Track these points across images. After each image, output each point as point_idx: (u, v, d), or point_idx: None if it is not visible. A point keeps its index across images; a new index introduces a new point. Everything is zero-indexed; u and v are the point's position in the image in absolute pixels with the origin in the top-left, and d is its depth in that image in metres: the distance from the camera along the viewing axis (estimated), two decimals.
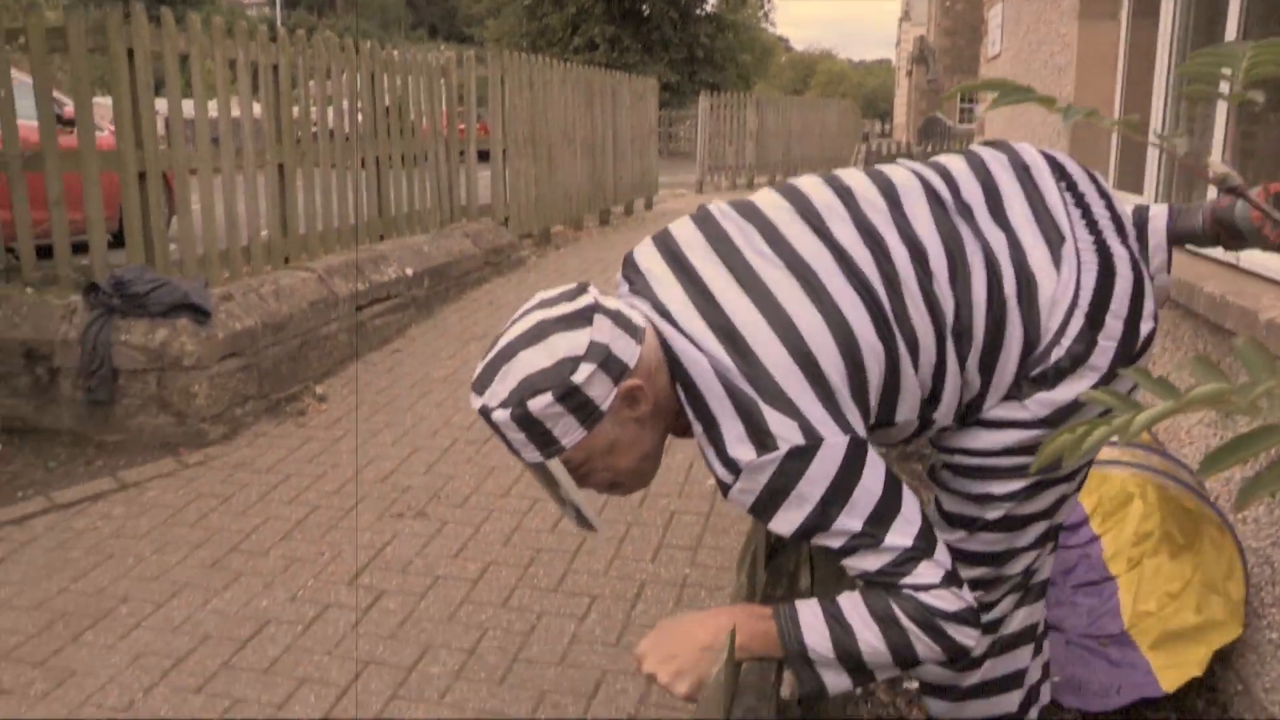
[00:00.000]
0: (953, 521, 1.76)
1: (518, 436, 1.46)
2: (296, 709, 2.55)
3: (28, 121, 4.88)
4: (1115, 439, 0.77)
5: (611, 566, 3.27)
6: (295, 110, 5.75)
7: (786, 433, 1.42)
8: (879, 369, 1.51)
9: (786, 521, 1.47)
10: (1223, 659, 2.50)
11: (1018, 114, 7.61)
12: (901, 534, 1.46)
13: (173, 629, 2.94)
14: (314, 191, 5.89)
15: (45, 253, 4.86)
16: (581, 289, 1.53)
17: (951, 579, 1.48)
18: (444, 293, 6.75)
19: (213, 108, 5.09)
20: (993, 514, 1.70)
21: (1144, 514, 2.71)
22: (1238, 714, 2.44)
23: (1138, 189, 4.83)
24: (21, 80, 5.32)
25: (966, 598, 1.48)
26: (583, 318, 1.47)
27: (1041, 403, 1.58)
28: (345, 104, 6.26)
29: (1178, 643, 2.47)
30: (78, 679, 2.70)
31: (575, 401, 1.43)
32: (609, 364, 1.44)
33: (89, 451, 4.33)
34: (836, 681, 1.52)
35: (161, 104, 4.86)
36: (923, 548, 1.47)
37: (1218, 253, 3.54)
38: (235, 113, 5.24)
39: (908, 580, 1.46)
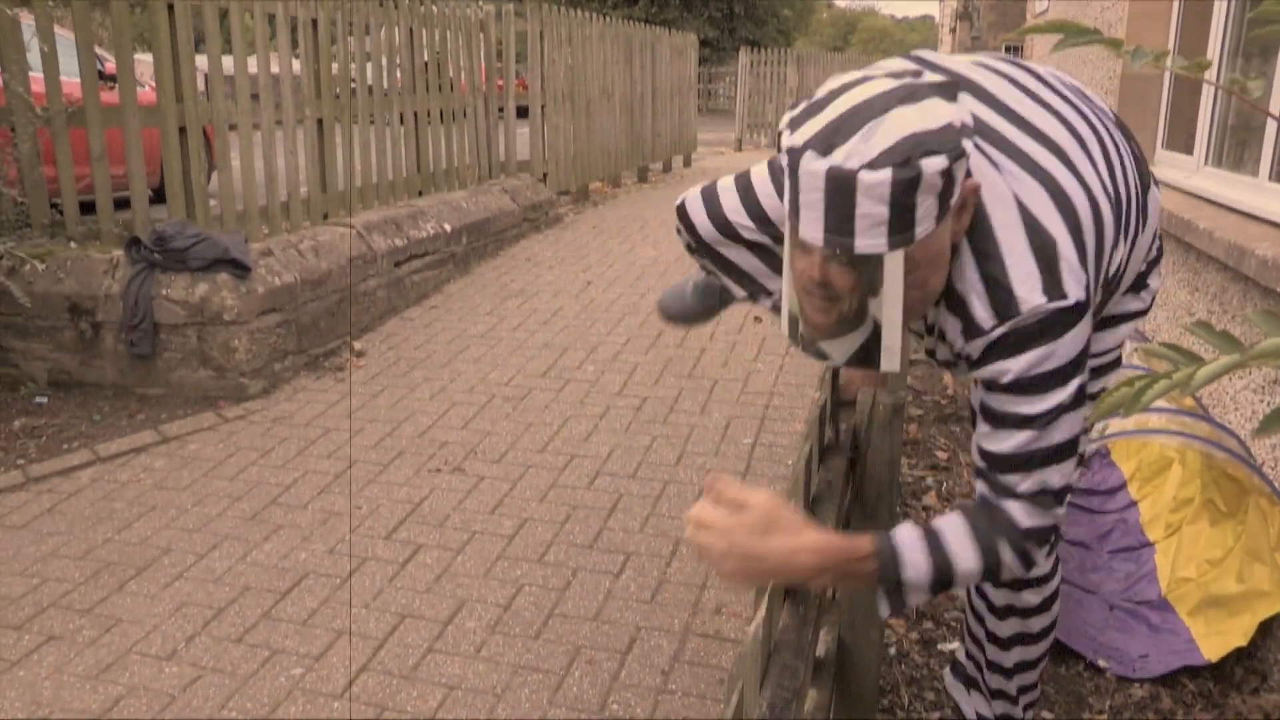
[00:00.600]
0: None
1: (878, 210, 1.19)
2: (334, 660, 2.59)
3: (70, 78, 4.90)
4: (1177, 392, 0.75)
5: (647, 524, 3.28)
6: (334, 65, 5.74)
7: (1073, 284, 1.31)
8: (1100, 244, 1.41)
9: (1050, 398, 1.33)
10: (1264, 629, 2.47)
11: (1066, 67, 7.47)
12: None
13: (214, 580, 2.98)
14: (352, 147, 5.89)
15: (88, 208, 4.89)
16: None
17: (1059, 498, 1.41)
18: (482, 249, 6.76)
19: (252, 63, 5.09)
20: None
21: (1183, 480, 2.67)
22: (1278, 685, 2.41)
23: (1187, 148, 4.73)
24: (63, 36, 5.33)
25: (1059, 514, 1.42)
26: (951, 91, 1.26)
27: (1151, 291, 1.53)
28: (384, 59, 6.24)
29: (1218, 610, 2.44)
30: (123, 626, 2.75)
31: (949, 179, 1.22)
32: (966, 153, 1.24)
33: (131, 404, 4.39)
34: (918, 600, 1.45)
35: (201, 59, 4.86)
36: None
37: (1272, 213, 3.46)
38: (275, 68, 5.24)
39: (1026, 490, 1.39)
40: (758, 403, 4.32)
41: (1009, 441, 1.38)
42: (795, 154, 1.23)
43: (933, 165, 1.19)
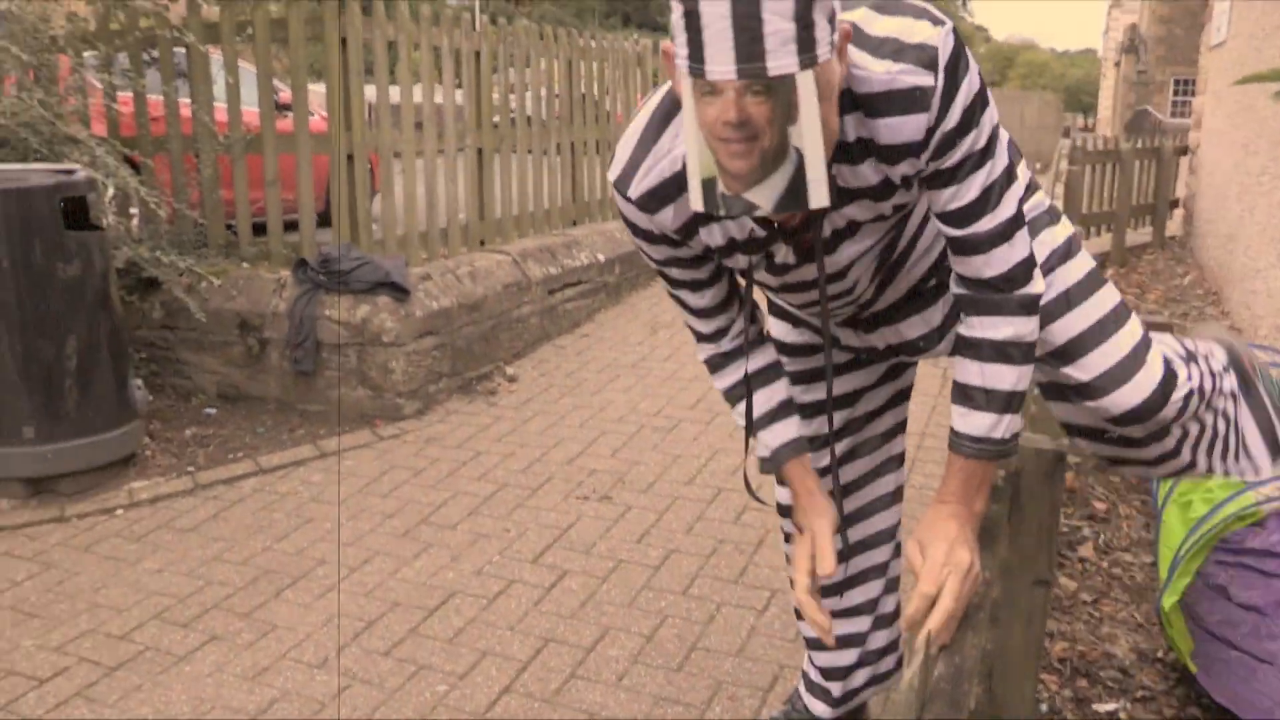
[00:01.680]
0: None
1: (785, 27, 1.18)
2: (478, 680, 2.61)
3: (248, 108, 5.15)
4: None
5: None
6: (495, 96, 5.88)
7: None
8: None
9: (991, 118, 1.45)
10: None
11: (1240, 108, 7.15)
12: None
13: (365, 593, 3.05)
14: (510, 176, 6.01)
15: (259, 230, 5.12)
16: None
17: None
18: (634, 279, 6.80)
19: (417, 93, 5.25)
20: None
21: None
22: None
23: None
24: (244, 69, 5.61)
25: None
26: None
27: None
28: (542, 90, 6.37)
29: None
30: (278, 632, 2.83)
31: (831, 8, 1.23)
32: None
33: (292, 419, 4.54)
34: (1017, 422, 1.58)
35: (370, 90, 5.05)
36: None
37: None
38: (438, 98, 5.40)
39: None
40: (909, 443, 4.21)
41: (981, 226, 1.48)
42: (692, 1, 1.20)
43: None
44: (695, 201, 1.27)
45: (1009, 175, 1.49)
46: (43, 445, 3.64)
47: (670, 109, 1.46)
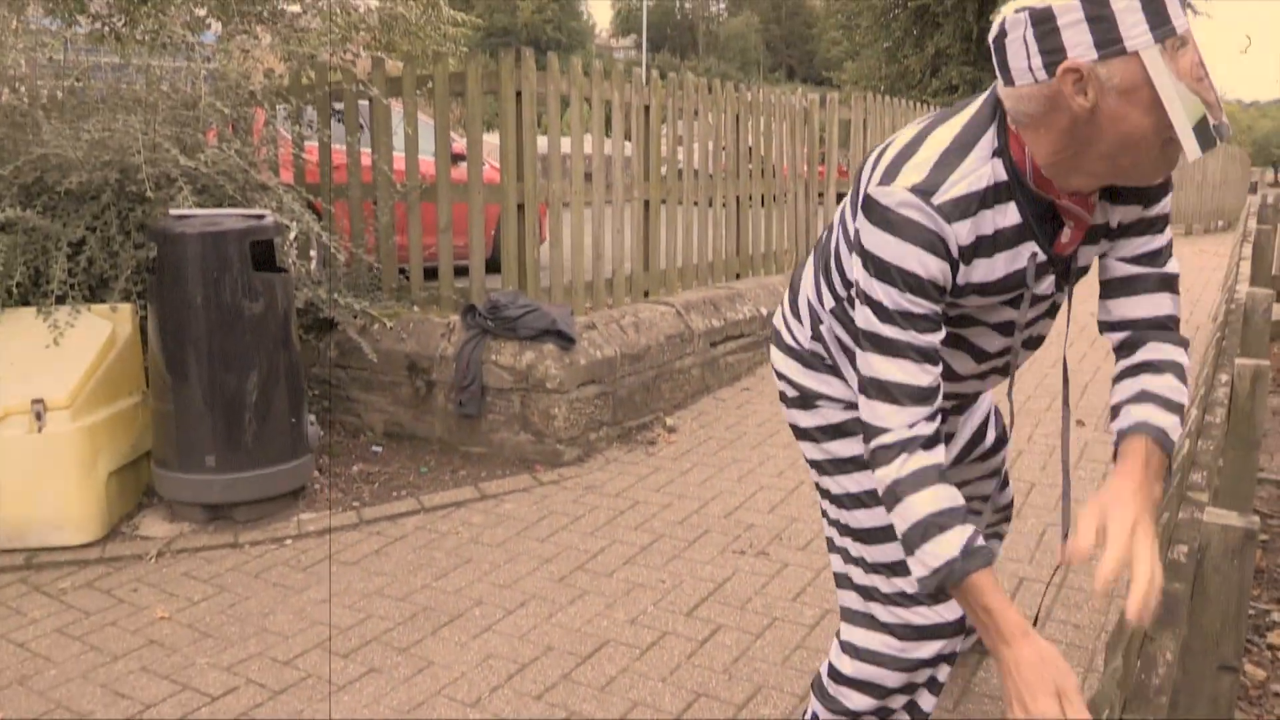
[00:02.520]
0: None
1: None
2: None
3: (426, 157, 5.35)
4: None
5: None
6: (662, 148, 5.95)
7: None
8: None
9: None
10: None
11: None
12: None
13: (519, 636, 3.06)
14: (675, 228, 6.06)
15: (429, 274, 5.28)
16: None
17: None
18: None
19: (587, 144, 5.36)
20: None
21: None
22: None
23: None
24: (422, 120, 5.84)
25: None
26: None
27: None
28: (709, 143, 6.42)
29: None
30: (434, 669, 2.87)
31: None
32: None
33: (455, 460, 4.64)
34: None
35: (542, 141, 5.17)
36: None
37: None
38: (607, 150, 5.49)
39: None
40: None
41: None
42: None
43: None
44: (1192, 149, 1.40)
45: None
46: (222, 474, 3.81)
47: (968, 139, 1.58)
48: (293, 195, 4.53)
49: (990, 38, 1.52)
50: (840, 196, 8.45)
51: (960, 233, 1.57)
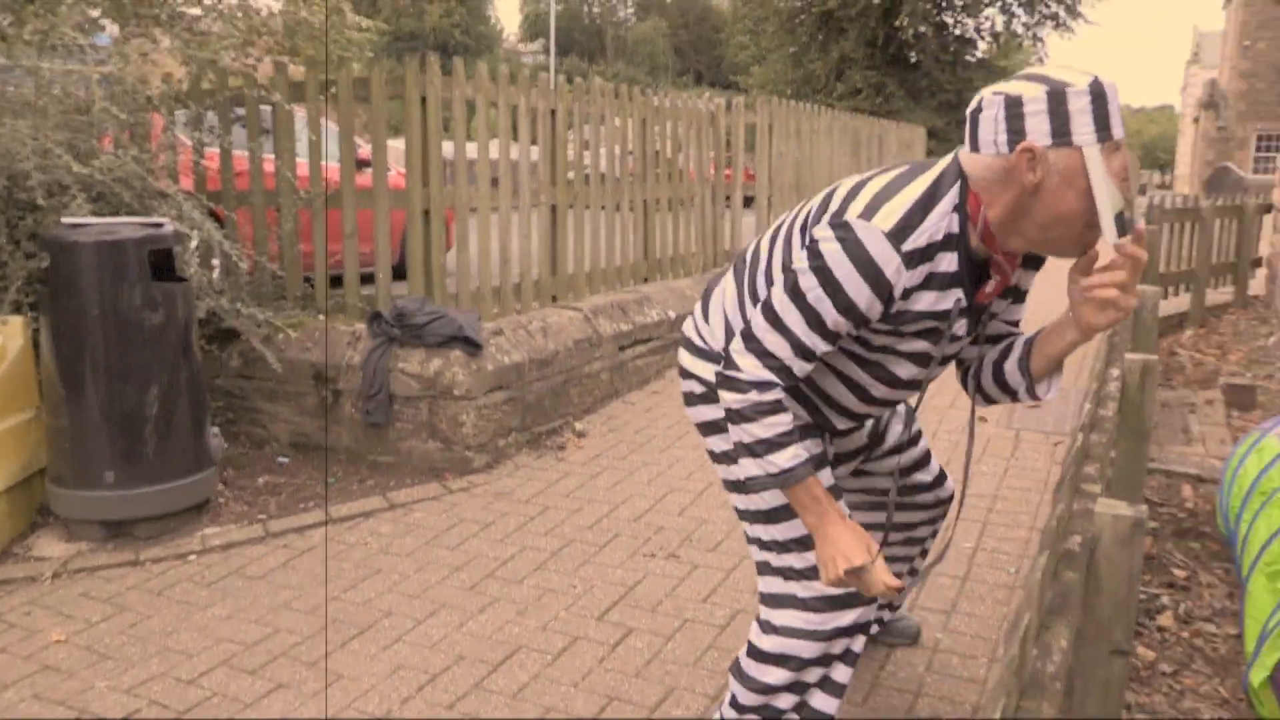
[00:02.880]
0: None
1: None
2: None
3: (330, 163, 5.29)
4: None
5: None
6: (569, 153, 5.96)
7: None
8: None
9: None
10: None
11: None
12: None
13: (430, 646, 3.05)
14: (583, 232, 6.07)
15: (335, 282, 5.22)
16: None
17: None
18: None
19: (494, 150, 5.34)
20: None
21: None
22: None
23: None
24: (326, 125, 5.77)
25: None
26: None
27: None
28: (616, 148, 6.44)
29: None
30: (344, 682, 2.84)
31: None
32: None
33: (362, 470, 4.60)
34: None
35: (448, 146, 5.15)
36: None
37: None
38: (514, 155, 5.48)
39: None
40: (980, 506, 4.14)
41: None
42: (1097, 84, 1.71)
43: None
44: (1110, 233, 1.71)
45: None
46: (122, 490, 3.72)
47: (937, 194, 1.84)
48: (193, 203, 4.44)
49: (968, 110, 1.82)
50: (748, 200, 8.54)
51: (913, 276, 1.84)
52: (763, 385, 1.91)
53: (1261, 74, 32.70)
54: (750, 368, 1.92)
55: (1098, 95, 1.70)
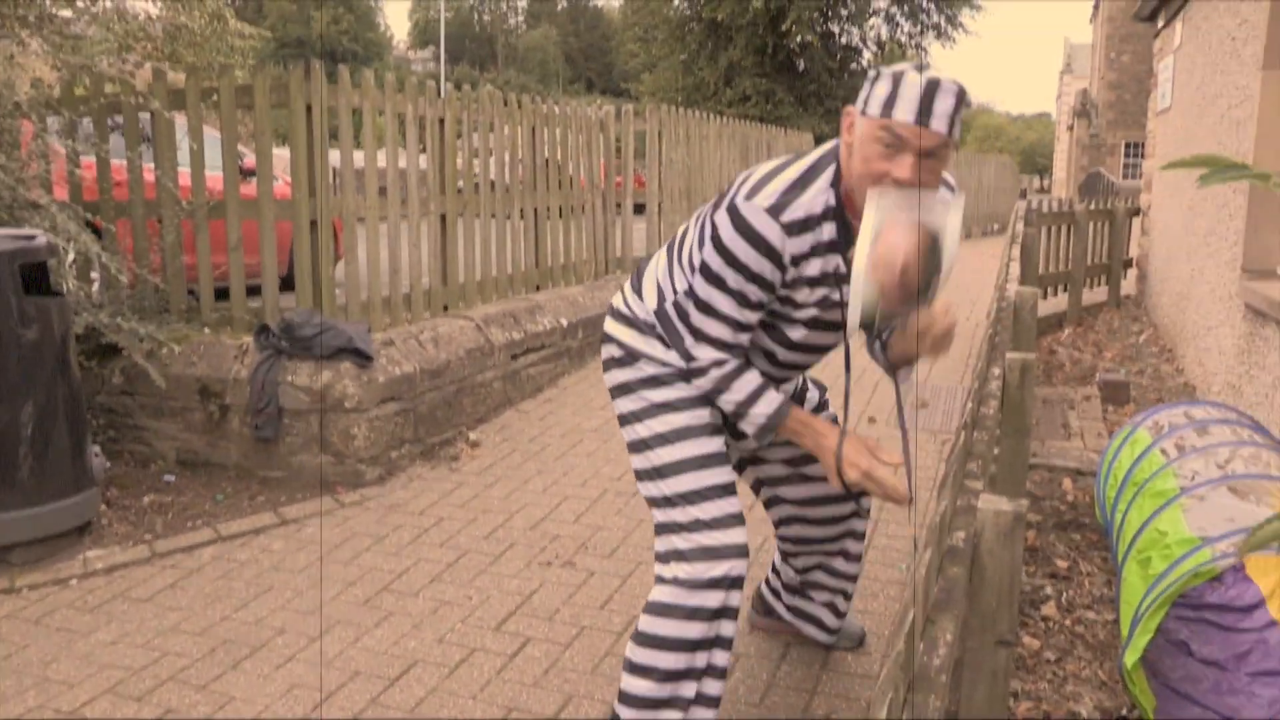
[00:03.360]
0: None
1: (945, 106, 2.01)
2: None
3: (213, 173, 5.17)
4: None
5: (754, 628, 3.21)
6: (459, 161, 5.93)
7: None
8: None
9: None
10: None
11: (1185, 173, 7.32)
12: None
13: (325, 663, 3.01)
14: (474, 241, 6.05)
15: (221, 295, 5.11)
16: None
17: None
18: (597, 344, 6.83)
19: (381, 158, 5.29)
20: None
21: None
22: None
23: None
24: (209, 134, 5.64)
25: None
26: None
27: None
28: (506, 156, 6.43)
29: None
30: (235, 704, 2.78)
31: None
32: None
33: (253, 486, 4.51)
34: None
35: (334, 155, 5.08)
36: None
37: None
38: (402, 164, 5.44)
39: None
40: (872, 504, 4.23)
41: None
42: (898, 74, 2.01)
43: (965, 96, 2.04)
44: (858, 298, 2.03)
45: None
46: None
47: (812, 175, 2.15)
48: (68, 214, 4.31)
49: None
50: (639, 207, 8.60)
51: (797, 244, 2.13)
52: (719, 362, 2.25)
53: (1127, 85, 34.12)
54: (705, 355, 2.25)
55: (896, 79, 2.01)
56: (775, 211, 2.10)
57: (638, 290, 2.46)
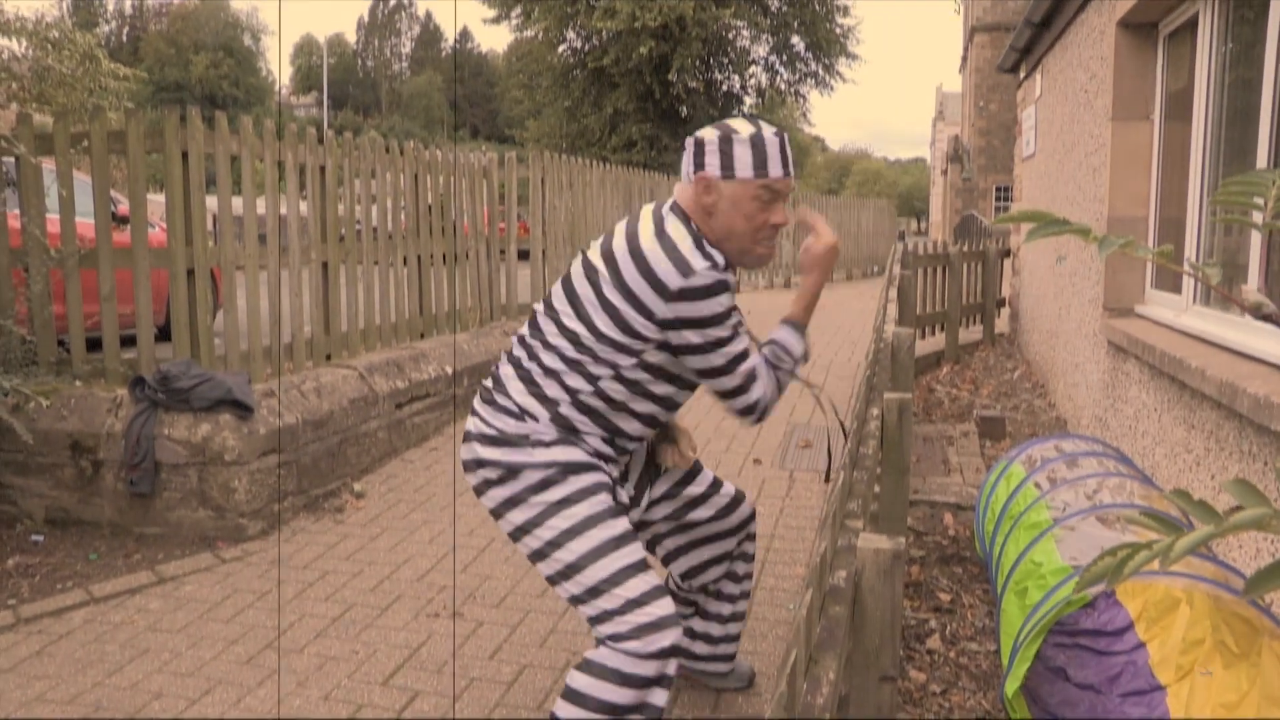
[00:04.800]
0: None
1: (789, 154, 2.30)
2: None
3: (84, 219, 5.02)
4: (1157, 563, 0.76)
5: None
6: (340, 209, 5.87)
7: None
8: None
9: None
10: None
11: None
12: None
13: None
14: (357, 289, 5.98)
15: (94, 346, 4.95)
16: None
17: None
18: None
19: (261, 205, 5.21)
20: None
21: (1191, 620, 2.64)
22: None
23: (1176, 287, 4.84)
24: (80, 180, 5.48)
25: None
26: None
27: None
28: (389, 203, 6.38)
29: None
30: None
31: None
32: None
33: (128, 544, 4.35)
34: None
35: (212, 202, 4.98)
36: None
37: (1261, 351, 3.51)
38: (283, 211, 5.36)
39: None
40: (759, 545, 4.28)
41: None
42: (758, 134, 2.25)
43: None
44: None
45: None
46: None
47: (694, 237, 2.28)
48: None
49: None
50: (523, 253, 8.60)
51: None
52: (755, 384, 2.40)
53: (995, 132, 35.53)
54: (756, 390, 2.39)
55: (756, 142, 2.22)
56: (715, 264, 2.24)
57: (497, 406, 2.40)
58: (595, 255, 2.33)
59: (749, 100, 33.59)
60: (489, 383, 2.47)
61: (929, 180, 68.64)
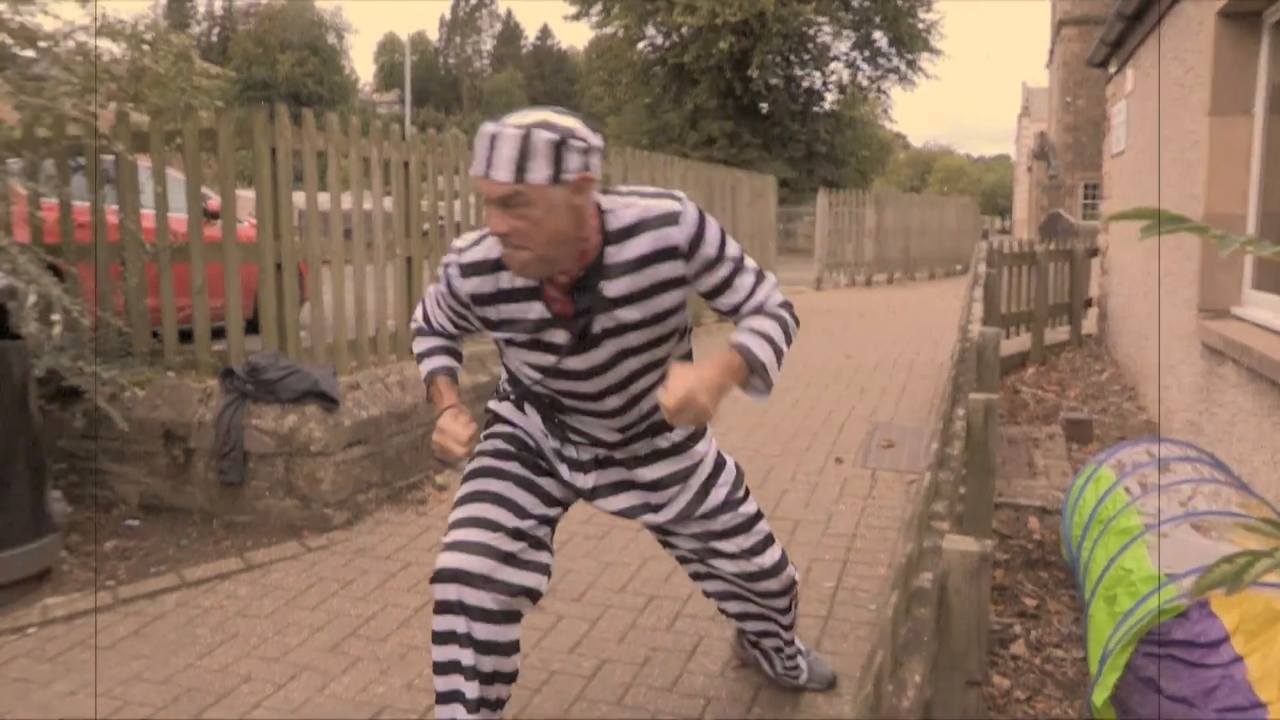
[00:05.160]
0: None
1: (508, 153, 1.95)
2: None
3: (177, 215, 5.15)
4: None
5: (728, 668, 3.21)
6: (423, 204, 5.93)
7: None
8: None
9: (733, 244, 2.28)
10: None
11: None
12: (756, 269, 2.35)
13: (291, 710, 2.97)
14: None
15: (185, 337, 5.07)
16: None
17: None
18: None
19: (346, 201, 5.29)
20: None
21: None
22: None
23: (1277, 288, 4.69)
24: (173, 176, 5.62)
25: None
26: (597, 129, 2.14)
27: None
28: (471, 199, 6.44)
29: None
30: None
31: (558, 154, 1.98)
32: (590, 158, 2.05)
33: (218, 531, 4.45)
34: (775, 373, 2.27)
35: (299, 198, 5.07)
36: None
37: None
38: (368, 206, 5.43)
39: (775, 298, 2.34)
40: (839, 545, 4.25)
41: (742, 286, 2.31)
42: (483, 129, 2.02)
43: (543, 136, 1.96)
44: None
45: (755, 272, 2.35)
46: None
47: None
48: (30, 256, 4.27)
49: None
50: None
51: (473, 284, 2.25)
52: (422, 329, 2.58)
53: (1083, 128, 34.73)
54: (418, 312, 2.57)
55: (478, 136, 2.03)
56: (458, 252, 2.27)
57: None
58: None
59: (830, 97, 33.33)
60: None
61: (1013, 177, 67.45)
